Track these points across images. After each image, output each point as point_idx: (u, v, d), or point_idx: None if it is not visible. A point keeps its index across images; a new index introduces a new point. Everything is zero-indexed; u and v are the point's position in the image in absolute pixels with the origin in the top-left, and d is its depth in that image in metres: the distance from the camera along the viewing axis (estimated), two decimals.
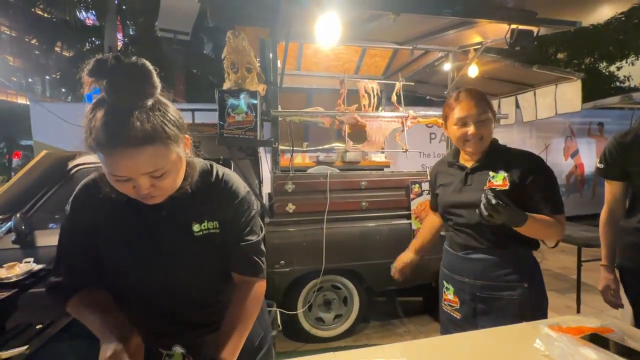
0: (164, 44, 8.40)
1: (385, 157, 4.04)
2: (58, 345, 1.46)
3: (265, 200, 2.51)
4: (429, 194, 1.84)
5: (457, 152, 1.32)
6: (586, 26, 2.24)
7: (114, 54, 0.63)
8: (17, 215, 1.98)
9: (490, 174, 1.18)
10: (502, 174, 1.16)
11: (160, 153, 0.67)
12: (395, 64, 3.81)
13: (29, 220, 2.04)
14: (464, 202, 1.22)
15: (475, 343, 0.99)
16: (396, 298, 3.10)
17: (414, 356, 0.87)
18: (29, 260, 1.75)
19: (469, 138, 1.18)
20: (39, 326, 1.49)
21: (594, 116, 6.82)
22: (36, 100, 5.31)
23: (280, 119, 2.47)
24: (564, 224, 1.15)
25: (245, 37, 2.16)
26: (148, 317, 0.83)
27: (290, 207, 2.37)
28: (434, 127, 5.91)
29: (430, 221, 1.50)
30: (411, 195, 2.59)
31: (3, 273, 1.61)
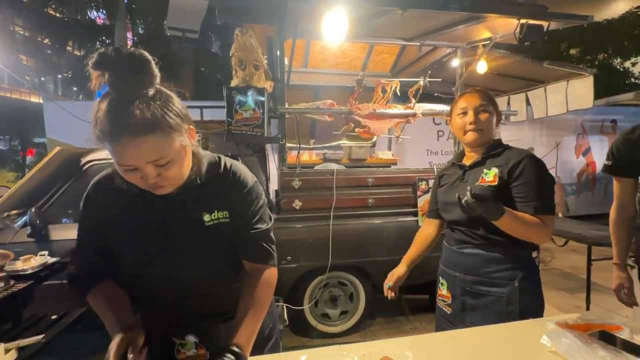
0: (172, 43, 8.49)
1: (392, 155, 4.03)
2: (72, 336, 1.51)
3: (272, 196, 2.53)
4: None
5: (462, 155, 1.35)
6: (600, 21, 2.18)
7: (115, 47, 0.66)
8: (32, 210, 2.04)
9: (484, 171, 1.20)
10: (494, 170, 1.18)
11: (162, 142, 0.68)
12: (403, 60, 3.78)
13: (43, 215, 2.10)
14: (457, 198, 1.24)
15: (480, 339, 0.99)
16: (402, 295, 3.11)
17: (418, 351, 0.87)
18: (43, 253, 1.81)
19: (468, 128, 1.21)
20: (53, 317, 1.55)
21: (607, 113, 6.66)
22: (49, 98, 5.42)
23: (287, 116, 2.49)
24: (550, 225, 1.12)
25: (252, 35, 2.18)
26: (162, 308, 0.86)
27: (297, 204, 2.39)
28: (442, 125, 5.86)
29: (423, 233, 1.45)
30: (418, 192, 2.58)
31: (19, 265, 1.67)
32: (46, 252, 1.83)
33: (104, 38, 10.02)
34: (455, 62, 2.94)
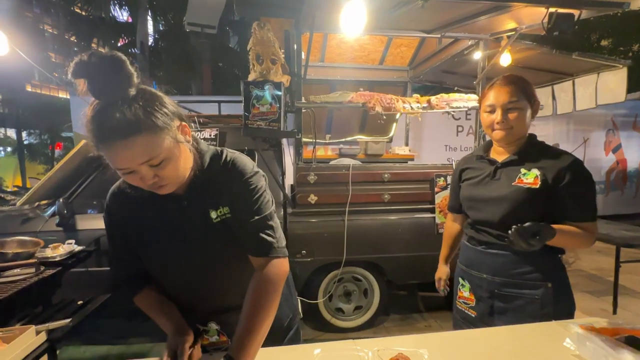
0: (191, 39, 8.63)
1: (410, 150, 3.96)
2: (97, 320, 1.58)
3: (288, 191, 2.55)
4: None
5: (488, 146, 1.26)
6: (635, 9, 2.03)
7: (90, 52, 0.65)
8: (60, 200, 2.14)
9: (522, 171, 1.12)
10: (535, 171, 1.10)
11: (150, 141, 0.67)
12: (422, 53, 3.69)
13: (70, 205, 2.20)
14: (488, 197, 1.16)
15: (499, 339, 0.96)
16: (417, 292, 3.07)
17: (434, 348, 0.86)
18: (70, 241, 1.90)
19: (496, 126, 1.14)
20: (80, 302, 1.62)
21: None
22: (76, 93, 5.64)
23: (303, 111, 2.48)
24: (594, 232, 1.09)
25: (270, 29, 2.18)
26: (184, 300, 0.90)
27: (313, 198, 2.39)
28: (461, 120, 5.70)
29: (452, 231, 1.44)
30: (436, 189, 2.53)
31: (49, 253, 1.75)
32: (73, 241, 1.92)
33: (125, 35, 10.30)
34: (477, 55, 2.83)
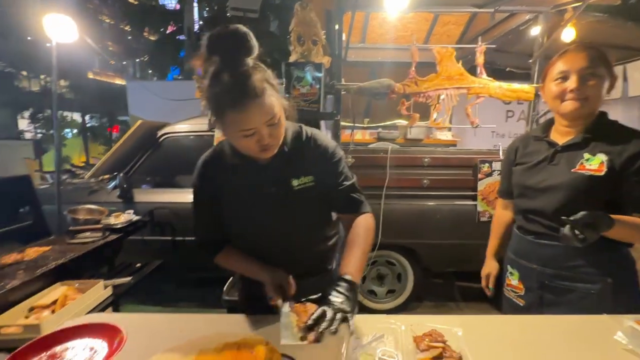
0: (234, 24, 8.80)
1: (452, 136, 3.78)
2: (151, 285, 1.77)
3: None
4: (499, 175, 1.66)
5: (548, 126, 1.13)
6: None
7: (220, 28, 0.77)
8: (120, 175, 2.37)
9: (585, 156, 0.98)
10: (601, 157, 0.96)
11: (272, 102, 0.79)
12: (472, 31, 3.44)
13: (129, 180, 2.43)
14: (543, 185, 1.05)
15: (541, 327, 0.92)
16: (455, 282, 2.99)
17: (470, 329, 0.84)
18: (129, 211, 2.10)
19: (568, 96, 0.98)
20: (138, 265, 1.82)
21: None
22: (131, 78, 6.10)
23: (342, 93, 2.46)
24: None
25: (312, 9, 2.16)
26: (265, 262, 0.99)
27: None
28: (513, 104, 5.28)
29: (502, 220, 1.31)
30: (479, 175, 2.41)
31: (112, 220, 1.97)
32: (132, 211, 2.13)
33: (173, 22, 10.78)
34: (536, 30, 2.57)
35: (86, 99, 13.31)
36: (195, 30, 9.78)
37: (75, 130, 15.17)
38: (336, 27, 2.32)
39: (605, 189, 0.96)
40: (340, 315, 0.75)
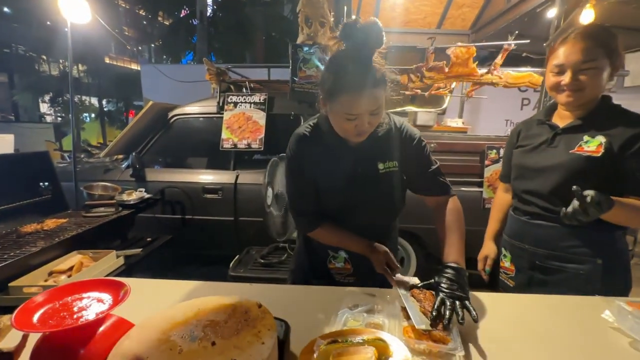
0: (246, 7, 8.76)
1: (463, 123, 3.71)
2: (159, 253, 1.86)
3: None
4: None
5: (552, 109, 1.13)
6: None
7: (355, 18, 0.83)
8: (133, 154, 2.45)
9: (585, 138, 0.99)
10: (600, 139, 0.97)
11: (381, 94, 0.85)
12: (487, 14, 3.34)
13: (140, 159, 2.51)
14: (540, 166, 1.07)
15: (531, 305, 0.94)
16: None
17: None
18: (141, 189, 2.20)
19: (563, 89, 1.00)
20: (148, 239, 1.91)
21: None
22: (145, 62, 6.21)
23: None
24: None
25: None
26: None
27: None
28: (529, 92, 5.10)
29: (501, 201, 1.32)
30: (486, 162, 2.38)
31: (125, 197, 2.06)
32: (143, 189, 2.22)
33: (186, 7, 10.78)
34: (552, 13, 2.48)
35: (103, 83, 13.59)
36: (208, 14, 9.77)
37: (93, 115, 15.57)
38: (345, 9, 2.30)
39: (601, 170, 0.97)
40: (458, 303, 0.76)
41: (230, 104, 2.57)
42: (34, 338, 0.61)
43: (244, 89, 2.74)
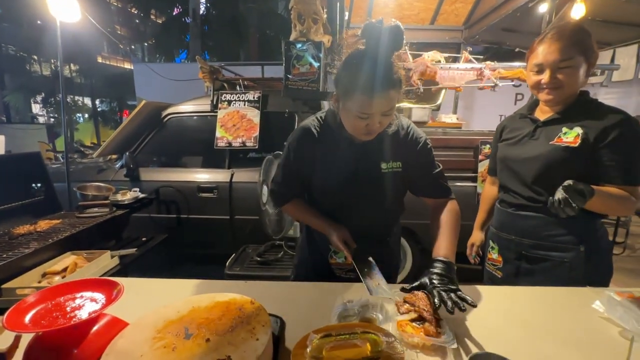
0: (240, 4, 8.69)
1: (457, 119, 3.73)
2: (155, 252, 1.85)
3: None
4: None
5: (534, 105, 1.19)
6: None
7: (378, 19, 0.82)
8: (127, 154, 2.44)
9: (563, 130, 1.05)
10: (577, 130, 1.03)
11: (396, 96, 0.85)
12: (480, 9, 3.35)
13: (134, 158, 2.50)
14: (522, 157, 1.13)
15: (522, 296, 0.96)
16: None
17: None
18: (135, 189, 2.18)
19: (543, 87, 1.06)
20: (143, 239, 1.90)
21: None
22: (138, 61, 6.16)
23: None
24: (638, 197, 1.00)
25: None
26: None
27: None
28: (522, 87, 5.13)
29: (489, 194, 1.39)
30: (480, 157, 2.40)
31: (119, 197, 2.05)
32: (137, 189, 2.21)
33: (180, 5, 10.67)
34: (544, 8, 2.49)
35: (96, 83, 13.45)
36: (201, 12, 9.68)
37: (86, 115, 15.41)
38: (337, 5, 2.29)
39: (578, 159, 1.02)
40: (453, 295, 0.76)
41: (224, 102, 2.56)
42: (26, 339, 0.61)
43: (238, 87, 2.73)
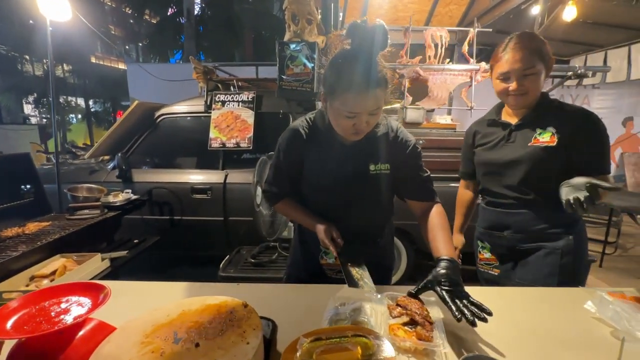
0: (235, 5, 8.67)
1: (452, 120, 3.74)
2: (147, 255, 1.83)
3: None
4: None
5: (500, 109, 1.24)
6: None
7: (362, 19, 0.83)
8: (119, 155, 2.41)
9: (538, 131, 1.12)
10: (551, 129, 1.10)
11: (382, 95, 0.86)
12: (473, 11, 3.37)
13: (127, 160, 2.47)
14: (504, 160, 1.17)
15: (515, 297, 0.96)
16: None
17: None
18: (128, 191, 2.16)
19: (511, 93, 1.11)
20: (135, 241, 1.88)
21: None
22: (132, 61, 6.11)
23: None
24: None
25: None
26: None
27: None
28: None
29: (465, 198, 1.42)
30: None
31: (111, 199, 2.02)
32: (130, 191, 2.18)
33: (173, 5, 10.61)
34: (536, 10, 2.52)
35: (89, 83, 13.31)
36: (196, 13, 9.64)
37: (79, 116, 15.25)
38: (332, 6, 2.29)
39: (559, 157, 1.09)
40: (467, 301, 0.74)
41: (218, 102, 2.54)
42: (9, 345, 0.60)
43: (232, 88, 2.71)
